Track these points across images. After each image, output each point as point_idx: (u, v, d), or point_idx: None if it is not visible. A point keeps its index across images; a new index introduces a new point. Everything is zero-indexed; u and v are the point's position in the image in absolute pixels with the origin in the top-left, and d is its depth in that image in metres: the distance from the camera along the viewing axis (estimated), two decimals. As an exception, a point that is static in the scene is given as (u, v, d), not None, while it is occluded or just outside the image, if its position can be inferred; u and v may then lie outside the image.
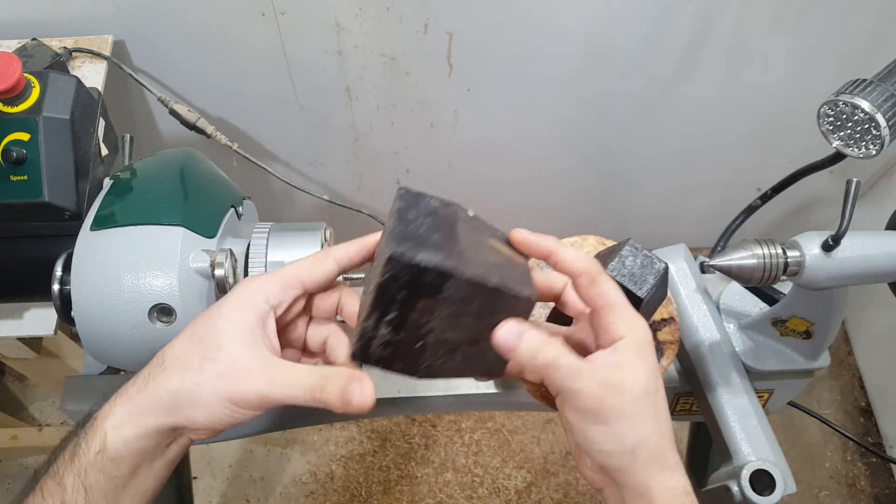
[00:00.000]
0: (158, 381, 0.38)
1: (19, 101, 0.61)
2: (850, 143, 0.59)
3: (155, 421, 0.38)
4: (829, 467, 1.51)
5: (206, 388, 0.38)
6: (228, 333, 0.38)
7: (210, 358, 0.38)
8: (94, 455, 0.38)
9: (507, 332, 0.39)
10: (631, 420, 0.39)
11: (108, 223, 0.56)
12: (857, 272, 0.54)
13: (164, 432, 0.39)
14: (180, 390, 0.38)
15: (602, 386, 0.39)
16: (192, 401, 0.38)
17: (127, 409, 0.39)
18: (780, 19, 1.08)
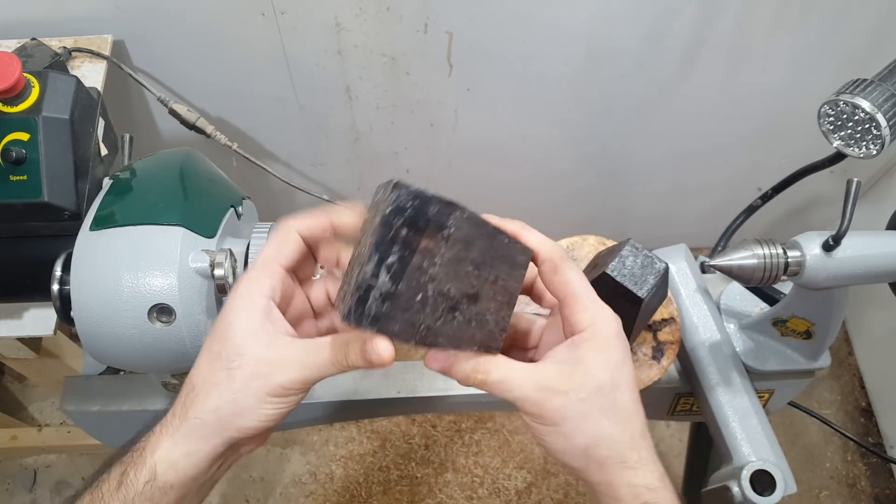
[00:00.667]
0: (196, 406, 0.39)
1: (19, 101, 0.61)
2: (850, 142, 0.59)
3: (206, 446, 0.39)
4: (830, 467, 1.50)
5: (244, 394, 0.38)
6: (243, 338, 0.38)
7: (235, 366, 0.38)
8: (143, 485, 0.38)
9: (436, 360, 0.39)
10: (579, 420, 0.38)
11: (107, 223, 0.56)
12: (858, 272, 0.54)
13: (218, 454, 0.39)
14: (220, 406, 0.38)
15: (539, 389, 0.38)
16: (236, 412, 0.38)
17: (174, 440, 0.39)
18: (780, 19, 1.08)
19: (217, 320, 0.40)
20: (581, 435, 0.38)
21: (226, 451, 0.40)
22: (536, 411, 0.38)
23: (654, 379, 0.60)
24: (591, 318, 0.40)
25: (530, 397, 0.38)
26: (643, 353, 0.61)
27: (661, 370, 0.60)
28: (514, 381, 0.39)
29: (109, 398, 0.72)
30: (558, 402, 0.38)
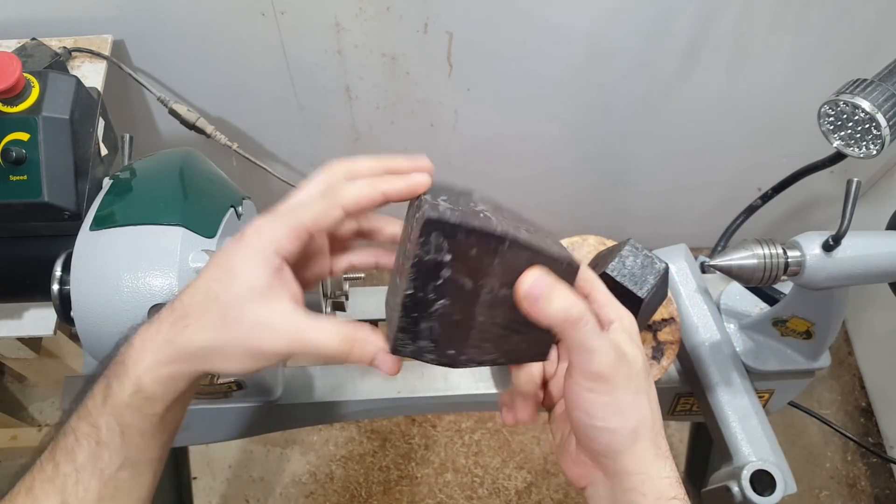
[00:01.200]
0: (185, 335, 0.38)
1: (19, 101, 0.61)
2: (850, 142, 0.59)
3: (188, 368, 0.39)
4: (830, 467, 1.50)
5: (233, 346, 0.37)
6: (246, 292, 0.37)
7: (232, 318, 0.37)
8: (130, 395, 0.38)
9: (537, 281, 0.36)
10: (636, 394, 0.38)
11: (107, 223, 0.56)
12: (858, 272, 0.54)
13: (199, 377, 0.40)
14: (208, 346, 0.38)
15: (617, 350, 0.38)
16: (221, 355, 0.38)
17: (158, 357, 0.38)
18: (780, 19, 1.08)
19: (224, 254, 0.38)
20: (634, 410, 0.38)
21: (203, 375, 0.40)
22: (608, 370, 0.37)
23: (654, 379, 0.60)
24: (615, 312, 0.40)
25: (610, 354, 0.37)
26: (643, 353, 0.61)
27: (662, 370, 0.60)
28: (601, 334, 0.38)
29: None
30: (626, 369, 0.38)
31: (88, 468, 0.38)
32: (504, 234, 0.35)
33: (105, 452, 0.39)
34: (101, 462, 0.38)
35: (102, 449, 0.38)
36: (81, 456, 0.38)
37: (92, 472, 0.38)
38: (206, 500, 1.44)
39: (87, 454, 0.38)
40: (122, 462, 0.39)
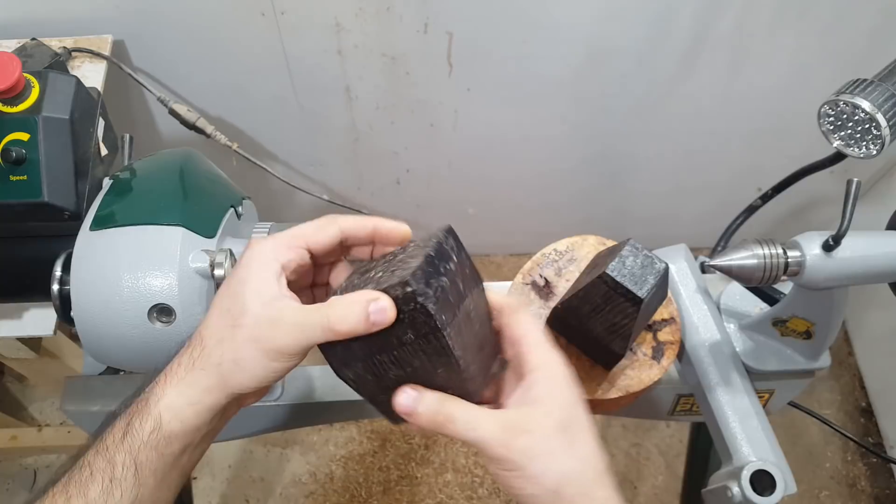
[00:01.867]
0: (202, 359, 0.40)
1: (19, 101, 0.61)
2: (850, 142, 0.59)
3: (210, 398, 0.40)
4: (830, 468, 1.50)
5: (244, 353, 0.39)
6: (251, 298, 0.39)
7: (239, 324, 0.39)
8: (149, 434, 0.39)
9: (407, 397, 0.40)
10: (546, 459, 0.38)
11: (107, 223, 0.56)
12: (858, 272, 0.54)
13: (220, 406, 0.40)
14: (223, 362, 0.39)
15: (504, 430, 0.39)
16: (237, 369, 0.39)
17: (179, 390, 0.40)
18: (780, 19, 1.08)
19: (232, 274, 0.41)
20: (550, 474, 0.38)
21: (228, 404, 0.41)
22: (503, 453, 0.38)
23: (654, 379, 0.60)
24: (539, 359, 0.41)
25: (497, 437, 0.38)
26: (643, 353, 0.61)
27: (661, 370, 0.60)
28: (480, 421, 0.39)
29: (109, 398, 0.72)
30: (524, 441, 0.38)
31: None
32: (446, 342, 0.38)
33: (118, 490, 0.39)
34: (113, 499, 0.39)
35: (115, 486, 0.39)
36: (94, 492, 0.39)
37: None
38: (205, 500, 1.44)
39: (99, 490, 0.39)
40: (132, 501, 0.39)
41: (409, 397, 0.40)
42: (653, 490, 1.46)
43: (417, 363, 0.39)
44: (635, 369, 0.60)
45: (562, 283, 0.63)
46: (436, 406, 0.40)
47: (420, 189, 1.45)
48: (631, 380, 0.60)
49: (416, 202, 1.49)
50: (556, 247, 0.65)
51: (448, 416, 0.39)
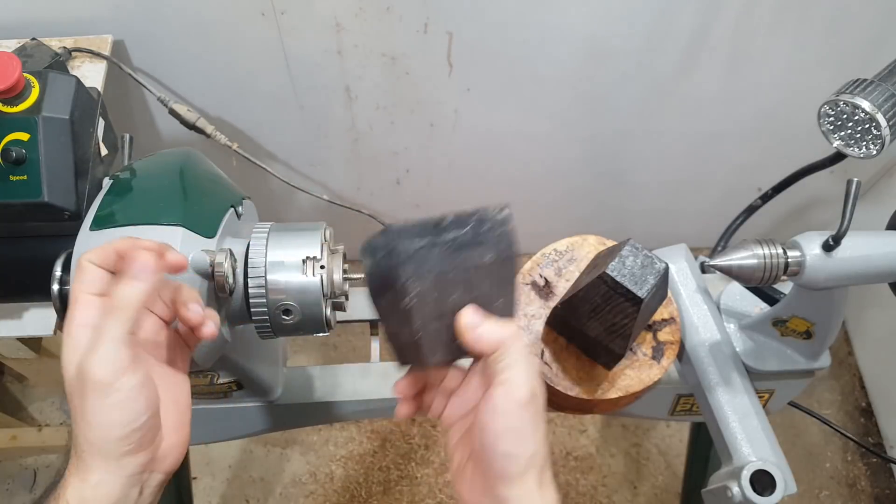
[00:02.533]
0: (77, 442, 0.39)
1: (19, 101, 0.61)
2: (850, 142, 0.59)
3: (107, 474, 0.39)
4: (830, 467, 1.50)
5: (88, 413, 0.38)
6: (67, 368, 0.40)
7: (72, 395, 0.39)
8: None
9: (474, 314, 0.42)
10: (537, 425, 0.41)
11: (107, 223, 0.56)
12: (858, 272, 0.54)
13: (125, 479, 0.39)
14: (86, 435, 0.39)
15: (534, 383, 0.41)
16: (97, 433, 0.38)
17: (78, 477, 0.39)
18: (780, 19, 1.08)
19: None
20: (533, 442, 0.41)
21: (133, 475, 0.40)
22: (525, 396, 0.40)
23: (654, 379, 0.60)
24: (505, 332, 0.43)
25: (529, 382, 0.41)
26: (643, 353, 0.61)
27: (661, 370, 0.60)
28: (523, 361, 0.41)
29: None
30: (536, 402, 0.41)
31: None
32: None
33: None
34: None
35: None
36: None
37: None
38: (205, 500, 1.44)
39: None
40: None
41: (476, 313, 0.42)
42: (653, 490, 1.46)
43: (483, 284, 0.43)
44: (635, 369, 0.60)
45: (562, 283, 0.63)
46: (500, 326, 0.42)
47: (420, 189, 1.45)
48: (631, 380, 0.60)
49: (416, 202, 1.49)
50: (556, 247, 0.65)
51: (513, 339, 0.42)
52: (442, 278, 0.41)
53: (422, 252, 0.40)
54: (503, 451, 0.40)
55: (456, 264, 0.41)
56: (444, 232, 0.40)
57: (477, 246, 0.41)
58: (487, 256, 0.41)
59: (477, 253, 0.41)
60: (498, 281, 0.43)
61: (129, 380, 0.39)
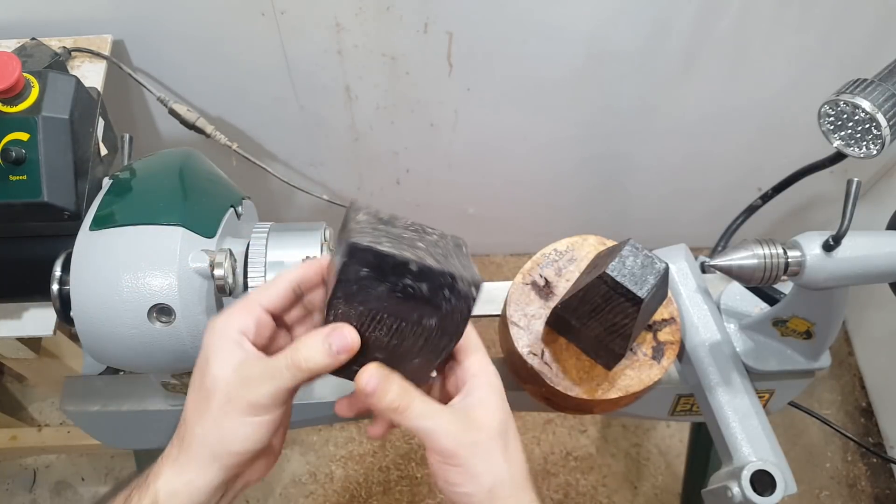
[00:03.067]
0: (188, 437, 0.41)
1: (18, 101, 0.61)
2: (850, 142, 0.59)
3: (204, 474, 0.40)
4: (830, 468, 1.50)
5: (223, 418, 0.40)
6: (217, 368, 0.40)
7: (213, 396, 0.40)
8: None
9: (371, 376, 0.40)
10: (487, 458, 0.40)
11: (107, 223, 0.56)
12: (858, 272, 0.54)
13: (217, 483, 0.41)
14: (206, 434, 0.40)
15: (458, 423, 0.41)
16: (220, 437, 0.40)
17: (174, 469, 0.40)
18: (780, 20, 1.08)
19: (199, 357, 0.42)
20: (488, 474, 0.40)
21: (226, 481, 0.41)
22: (451, 446, 0.40)
23: (654, 379, 0.60)
24: (478, 365, 0.43)
25: (448, 430, 0.40)
26: (643, 354, 0.61)
27: (661, 370, 0.60)
28: (435, 413, 0.41)
29: (109, 398, 0.72)
30: (473, 437, 0.40)
31: None
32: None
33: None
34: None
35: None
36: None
37: None
38: None
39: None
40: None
41: (373, 376, 0.40)
42: (653, 490, 1.46)
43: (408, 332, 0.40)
44: (635, 369, 0.60)
45: (562, 283, 0.63)
46: (399, 391, 0.41)
47: (420, 189, 1.45)
48: (631, 380, 0.60)
49: (416, 202, 1.49)
50: (556, 247, 0.65)
51: (408, 403, 0.40)
52: (371, 314, 0.39)
53: (365, 282, 0.38)
54: (457, 492, 0.40)
55: (393, 311, 0.39)
56: (402, 274, 0.37)
57: (426, 305, 0.39)
58: (430, 322, 0.39)
59: (422, 312, 0.39)
60: (427, 345, 0.41)
61: (279, 412, 0.41)
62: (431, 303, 0.38)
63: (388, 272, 0.37)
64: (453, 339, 0.41)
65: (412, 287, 0.38)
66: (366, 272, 0.37)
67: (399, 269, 0.37)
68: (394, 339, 0.40)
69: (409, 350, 0.41)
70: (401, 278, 0.37)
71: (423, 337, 0.40)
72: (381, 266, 0.37)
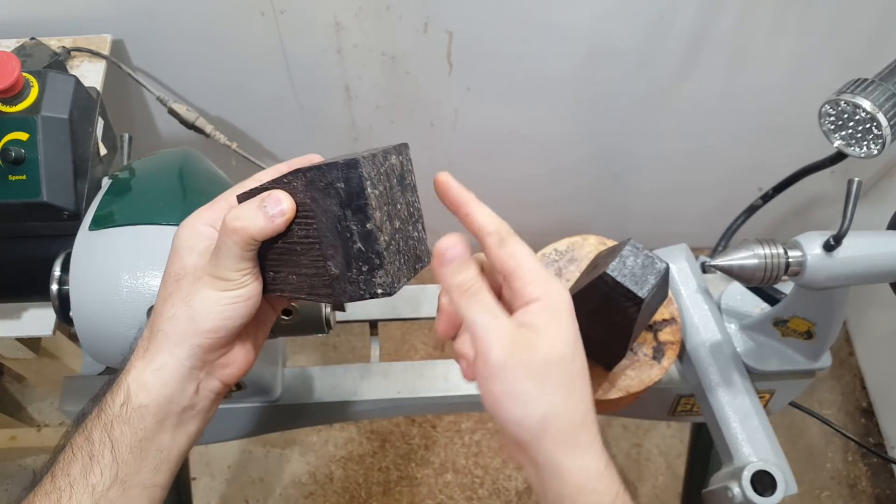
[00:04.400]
0: (157, 323, 0.41)
1: (18, 101, 0.61)
2: (851, 142, 0.58)
3: (172, 359, 0.40)
4: (831, 468, 1.50)
5: (192, 296, 0.40)
6: (185, 255, 0.41)
7: (180, 277, 0.41)
8: (119, 407, 0.39)
9: (452, 248, 0.38)
10: (541, 384, 0.36)
11: (106, 223, 0.56)
12: (859, 272, 0.54)
13: (187, 370, 0.40)
14: (176, 313, 0.40)
15: (516, 336, 0.37)
16: (190, 314, 0.40)
17: (144, 360, 0.40)
18: (780, 19, 1.08)
19: (170, 252, 0.42)
20: (542, 401, 0.36)
21: (194, 369, 0.41)
22: (501, 358, 0.36)
23: (654, 379, 0.60)
24: (542, 289, 0.38)
25: (503, 340, 0.36)
26: (644, 354, 0.61)
27: (662, 370, 0.60)
28: (498, 314, 0.37)
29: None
30: (527, 355, 0.36)
31: (80, 483, 0.38)
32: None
33: (97, 467, 0.39)
34: (93, 477, 0.38)
35: (94, 463, 0.39)
36: (75, 469, 0.39)
37: (84, 488, 0.38)
38: (205, 500, 1.44)
39: (80, 467, 0.39)
40: (113, 480, 0.39)
41: (458, 244, 0.38)
42: (653, 490, 1.46)
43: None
44: (636, 369, 0.60)
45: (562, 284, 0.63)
46: (476, 272, 0.38)
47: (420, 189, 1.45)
48: (631, 380, 0.60)
49: (416, 202, 1.49)
50: (556, 247, 0.65)
51: (479, 288, 0.38)
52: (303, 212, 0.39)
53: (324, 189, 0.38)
54: (502, 416, 0.37)
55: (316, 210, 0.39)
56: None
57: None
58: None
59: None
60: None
61: (249, 286, 0.40)
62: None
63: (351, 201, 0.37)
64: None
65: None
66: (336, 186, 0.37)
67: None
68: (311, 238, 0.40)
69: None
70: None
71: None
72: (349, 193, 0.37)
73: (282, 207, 0.39)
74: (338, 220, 0.38)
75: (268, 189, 0.40)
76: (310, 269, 0.40)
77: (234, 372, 0.43)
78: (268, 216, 0.39)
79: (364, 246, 0.38)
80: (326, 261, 0.39)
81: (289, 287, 0.42)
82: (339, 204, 0.37)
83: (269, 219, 0.39)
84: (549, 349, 0.37)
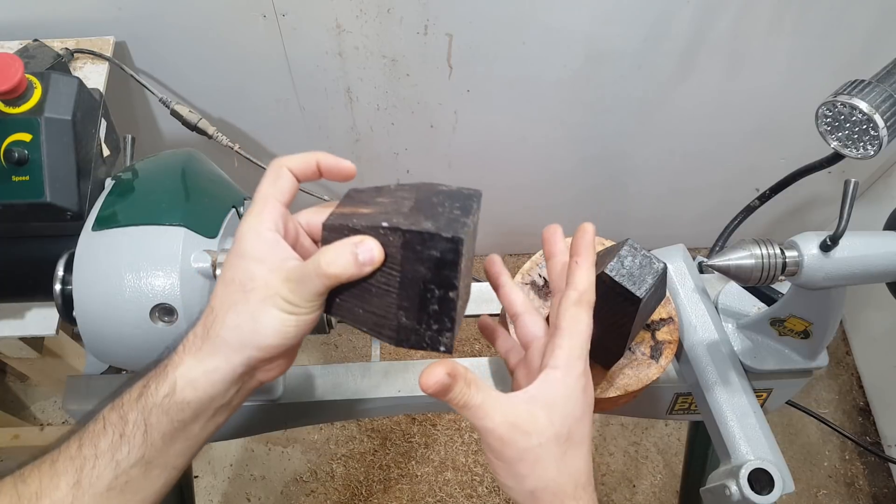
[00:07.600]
0: (216, 327, 0.41)
1: (21, 102, 0.61)
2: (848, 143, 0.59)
3: (226, 364, 0.41)
4: (828, 466, 1.51)
5: (260, 311, 0.40)
6: (254, 265, 0.41)
7: (249, 289, 0.40)
8: (162, 398, 0.40)
9: (439, 371, 0.40)
10: (533, 464, 0.40)
11: (109, 223, 0.57)
12: (856, 272, 0.54)
13: (237, 376, 0.41)
14: (240, 324, 0.40)
15: (510, 427, 0.40)
16: (255, 328, 0.40)
17: (196, 358, 0.41)
18: (778, 20, 1.08)
19: (230, 253, 0.42)
20: (532, 478, 0.40)
21: (244, 374, 0.42)
22: (499, 447, 0.40)
23: (652, 378, 0.60)
24: (566, 358, 0.41)
25: (500, 433, 0.40)
26: (641, 353, 0.61)
27: (660, 369, 0.61)
28: (490, 409, 0.40)
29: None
30: (521, 442, 0.40)
31: (106, 456, 0.40)
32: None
33: (125, 446, 0.40)
34: (120, 454, 0.40)
35: (124, 442, 0.40)
36: (104, 443, 0.40)
37: (108, 462, 0.40)
38: (207, 498, 1.45)
39: (109, 442, 0.40)
40: (138, 459, 0.40)
41: (441, 372, 0.40)
42: (651, 489, 1.47)
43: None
44: (634, 368, 0.60)
45: (561, 283, 0.64)
46: (463, 385, 0.40)
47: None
48: (629, 379, 0.60)
49: (416, 202, 1.49)
50: (555, 247, 0.66)
51: (465, 401, 0.40)
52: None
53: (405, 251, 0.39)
54: (495, 476, 0.41)
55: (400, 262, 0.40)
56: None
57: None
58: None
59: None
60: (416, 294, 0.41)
61: (314, 312, 0.41)
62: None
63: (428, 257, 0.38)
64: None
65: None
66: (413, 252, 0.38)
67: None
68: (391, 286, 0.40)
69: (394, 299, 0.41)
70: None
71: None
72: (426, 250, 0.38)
73: (373, 257, 0.39)
74: (423, 281, 0.39)
75: (360, 232, 0.40)
76: (380, 310, 0.41)
77: (276, 374, 0.44)
78: (358, 263, 0.39)
79: (440, 308, 0.39)
80: (399, 310, 0.40)
81: (351, 316, 0.42)
82: (429, 269, 0.38)
83: (359, 265, 0.39)
84: (546, 429, 0.40)
